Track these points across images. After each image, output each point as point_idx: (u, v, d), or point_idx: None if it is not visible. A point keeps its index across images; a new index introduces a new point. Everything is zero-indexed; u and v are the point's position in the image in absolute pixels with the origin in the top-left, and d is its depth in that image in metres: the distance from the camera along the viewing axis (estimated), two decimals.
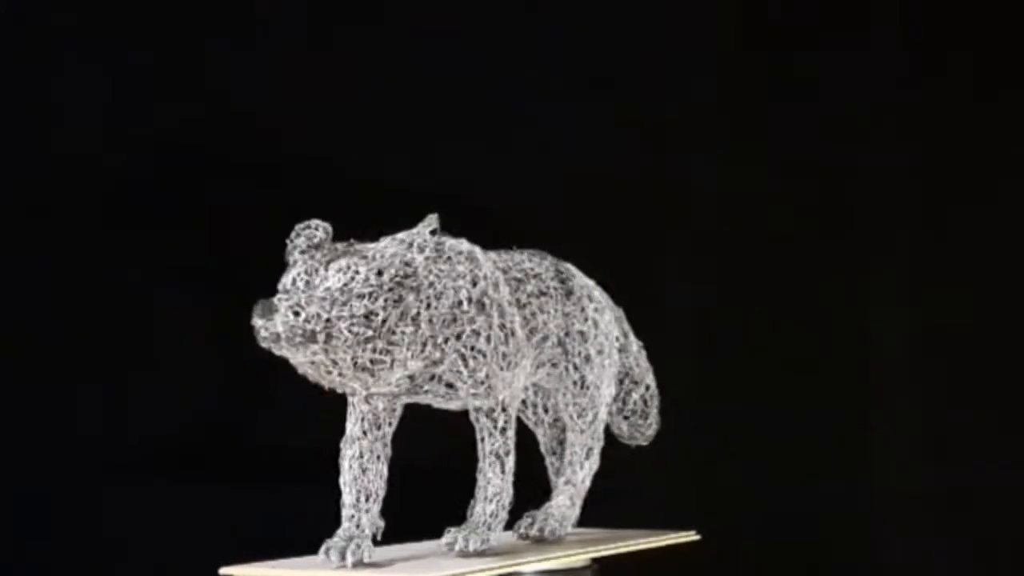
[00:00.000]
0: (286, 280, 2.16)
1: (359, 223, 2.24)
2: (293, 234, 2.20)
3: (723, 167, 3.38)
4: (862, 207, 3.38)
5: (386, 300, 2.16)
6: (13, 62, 3.27)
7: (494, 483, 2.37)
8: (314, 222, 2.21)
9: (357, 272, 2.16)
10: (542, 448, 2.65)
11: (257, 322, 2.11)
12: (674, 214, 3.36)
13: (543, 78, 3.37)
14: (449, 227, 2.27)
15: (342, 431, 2.34)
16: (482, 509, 2.38)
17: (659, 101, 3.39)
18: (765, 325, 3.34)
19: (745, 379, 3.34)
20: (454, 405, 2.37)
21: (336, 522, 2.32)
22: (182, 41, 3.32)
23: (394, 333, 2.16)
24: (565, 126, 3.36)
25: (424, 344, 2.21)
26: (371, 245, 2.21)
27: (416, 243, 2.22)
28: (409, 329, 2.18)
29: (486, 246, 2.38)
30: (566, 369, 2.52)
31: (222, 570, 2.31)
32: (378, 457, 2.34)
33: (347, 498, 2.33)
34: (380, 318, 2.15)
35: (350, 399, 2.33)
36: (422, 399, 2.34)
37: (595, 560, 2.46)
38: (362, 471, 2.34)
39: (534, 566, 2.37)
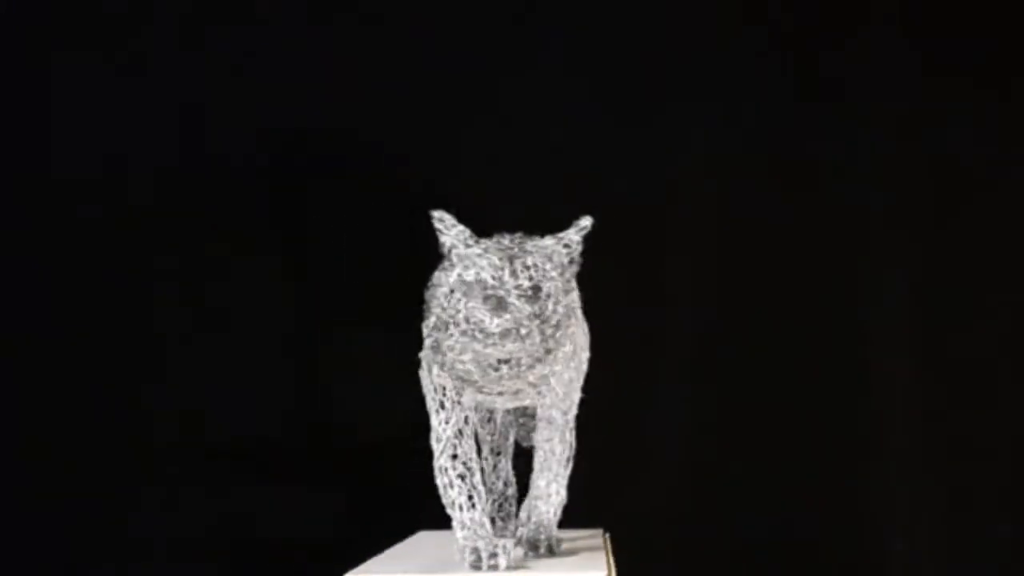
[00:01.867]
0: (481, 275, 2.20)
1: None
2: (445, 224, 2.26)
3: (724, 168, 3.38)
4: (863, 209, 3.38)
5: (559, 300, 2.22)
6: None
7: (559, 485, 2.42)
8: (442, 213, 2.28)
9: (545, 272, 2.22)
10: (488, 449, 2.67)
11: (489, 318, 2.15)
12: (674, 219, 3.36)
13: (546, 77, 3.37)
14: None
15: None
16: (546, 509, 2.43)
17: (659, 101, 3.39)
18: (765, 326, 3.34)
19: (746, 379, 3.34)
20: (527, 403, 2.41)
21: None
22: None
23: (559, 332, 2.22)
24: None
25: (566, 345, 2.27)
26: (532, 242, 2.27)
27: (569, 245, 2.29)
28: (571, 330, 2.26)
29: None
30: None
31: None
32: (476, 458, 2.37)
33: (463, 501, 2.31)
34: (556, 318, 2.21)
35: (446, 403, 2.34)
36: (506, 402, 2.38)
37: None
38: (469, 472, 2.34)
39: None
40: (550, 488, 2.45)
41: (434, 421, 2.34)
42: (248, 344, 3.30)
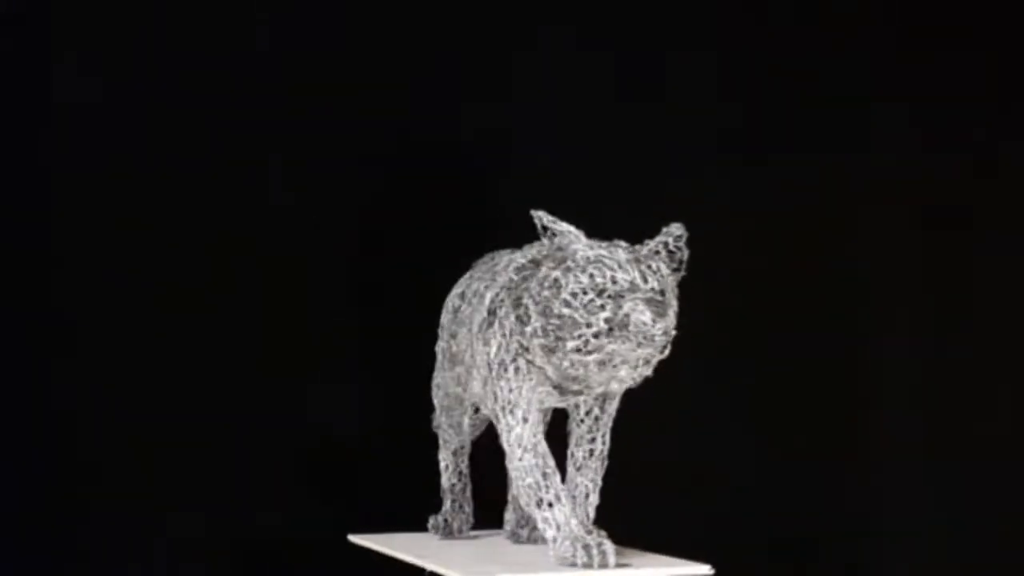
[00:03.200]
0: (618, 277, 2.23)
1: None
2: (558, 224, 2.30)
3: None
4: (862, 210, 3.38)
5: (673, 305, 2.29)
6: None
7: (596, 485, 2.44)
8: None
9: (662, 274, 2.28)
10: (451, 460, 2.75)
11: (651, 321, 2.20)
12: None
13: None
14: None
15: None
16: (584, 511, 2.43)
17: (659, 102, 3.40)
18: (765, 326, 3.34)
19: (744, 379, 3.34)
20: (575, 401, 2.44)
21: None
22: None
23: None
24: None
25: None
26: (639, 249, 2.32)
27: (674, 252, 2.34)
28: None
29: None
30: None
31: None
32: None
33: (552, 498, 2.34)
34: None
35: (524, 406, 2.37)
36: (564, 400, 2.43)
37: None
38: (554, 473, 2.36)
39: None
40: (588, 487, 2.47)
41: (512, 421, 2.37)
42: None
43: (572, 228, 2.32)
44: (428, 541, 2.72)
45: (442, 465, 2.81)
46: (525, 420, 2.36)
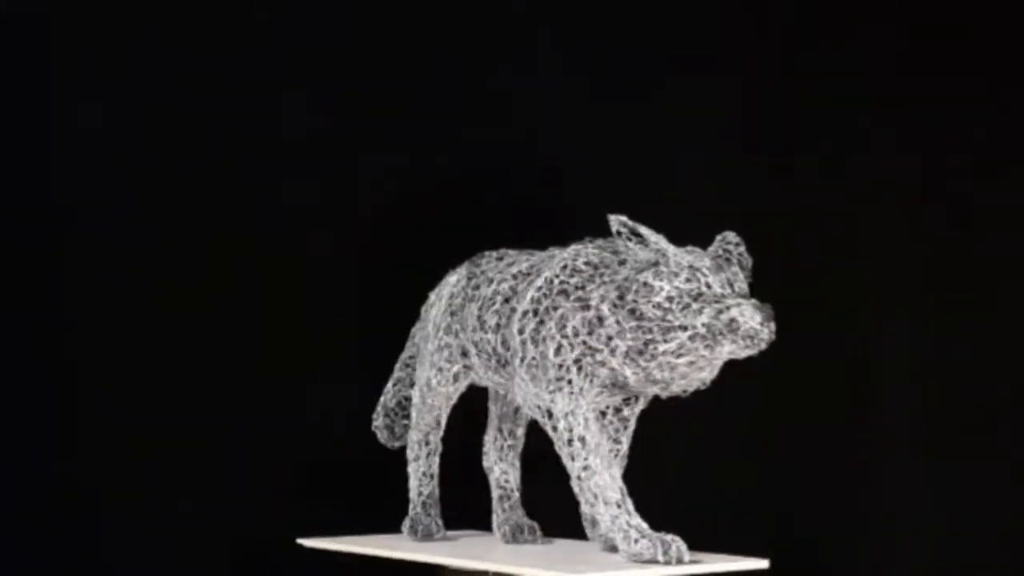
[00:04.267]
0: (714, 281, 2.31)
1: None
2: (644, 228, 2.34)
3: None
4: (863, 209, 3.38)
5: None
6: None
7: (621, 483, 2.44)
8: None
9: (741, 280, 2.36)
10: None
11: (768, 325, 2.27)
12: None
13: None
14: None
15: None
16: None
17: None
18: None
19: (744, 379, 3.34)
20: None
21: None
22: None
23: None
24: None
25: None
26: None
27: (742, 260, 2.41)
28: None
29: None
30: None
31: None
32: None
33: (620, 498, 2.38)
34: None
35: (585, 407, 2.40)
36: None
37: None
38: (612, 477, 2.41)
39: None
40: (621, 487, 2.48)
41: (573, 422, 2.39)
42: None
43: (654, 233, 2.36)
44: (486, 542, 2.74)
45: (417, 469, 2.81)
46: (586, 421, 2.39)
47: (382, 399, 2.96)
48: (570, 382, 2.38)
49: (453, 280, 2.72)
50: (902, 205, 3.37)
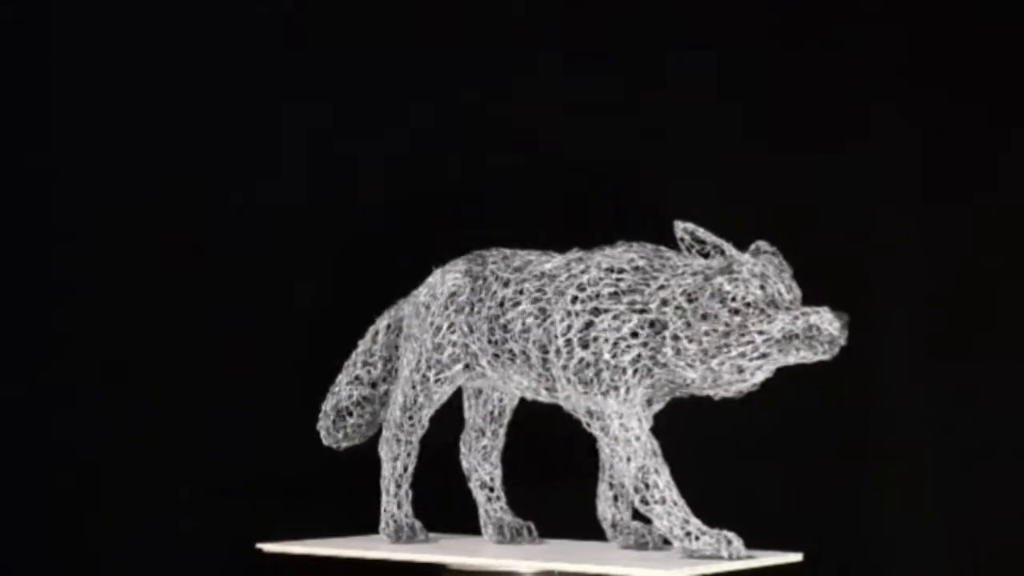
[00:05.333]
0: (779, 286, 2.38)
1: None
2: (706, 235, 2.42)
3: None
4: (863, 210, 3.39)
5: None
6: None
7: None
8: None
9: (796, 287, 2.43)
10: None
11: (844, 332, 2.35)
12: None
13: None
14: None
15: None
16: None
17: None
18: None
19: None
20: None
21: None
22: None
23: None
24: None
25: None
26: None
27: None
28: None
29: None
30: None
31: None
32: None
33: (678, 498, 2.45)
34: None
35: (638, 406, 2.44)
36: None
37: None
38: (667, 476, 2.47)
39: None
40: None
41: (628, 423, 2.44)
42: None
43: (721, 239, 2.42)
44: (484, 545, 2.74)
45: (395, 469, 2.80)
46: (640, 421, 2.44)
47: (332, 399, 2.91)
48: (625, 383, 2.41)
49: (449, 279, 2.70)
50: (902, 204, 3.38)
